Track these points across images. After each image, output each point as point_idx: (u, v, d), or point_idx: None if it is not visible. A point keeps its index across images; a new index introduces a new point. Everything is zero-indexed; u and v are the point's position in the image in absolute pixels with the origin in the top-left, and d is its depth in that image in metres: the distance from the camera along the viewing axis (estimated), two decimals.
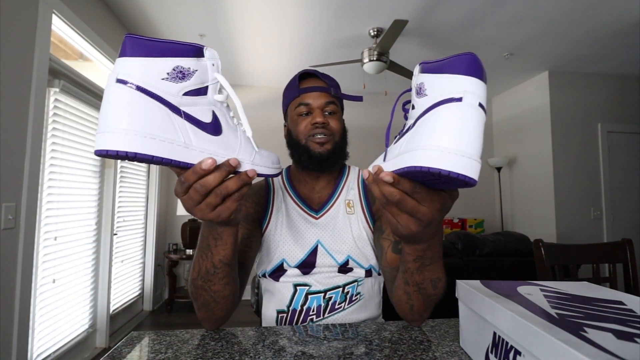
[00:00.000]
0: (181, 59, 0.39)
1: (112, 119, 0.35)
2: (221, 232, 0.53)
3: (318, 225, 0.80)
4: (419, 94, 0.39)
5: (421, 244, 0.50)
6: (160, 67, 0.38)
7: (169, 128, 0.38)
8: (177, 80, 0.39)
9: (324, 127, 0.78)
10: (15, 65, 1.42)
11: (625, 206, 3.31)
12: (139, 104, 0.36)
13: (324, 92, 0.79)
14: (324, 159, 0.78)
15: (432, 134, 0.34)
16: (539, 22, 2.44)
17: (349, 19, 2.42)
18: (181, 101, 0.40)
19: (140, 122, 0.36)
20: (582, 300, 0.46)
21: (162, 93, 0.38)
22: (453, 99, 0.34)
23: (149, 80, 0.37)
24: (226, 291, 0.59)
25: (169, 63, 0.38)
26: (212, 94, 0.42)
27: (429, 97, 0.37)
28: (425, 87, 0.38)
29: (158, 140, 0.37)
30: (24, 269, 1.47)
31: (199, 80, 0.41)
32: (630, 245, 1.25)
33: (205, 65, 0.41)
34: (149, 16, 2.38)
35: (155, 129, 0.37)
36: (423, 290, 0.57)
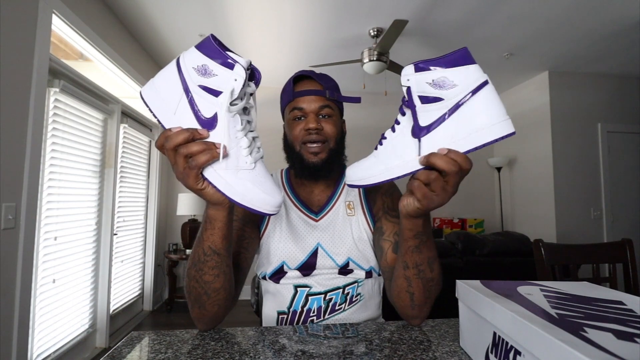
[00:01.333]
0: (212, 62, 0.47)
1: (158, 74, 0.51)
2: (209, 215, 0.55)
3: (318, 227, 0.80)
4: (442, 87, 0.47)
5: (422, 218, 0.56)
6: (197, 60, 0.48)
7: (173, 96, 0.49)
8: (199, 74, 0.48)
9: (318, 132, 0.76)
10: (15, 65, 1.42)
11: (625, 206, 3.31)
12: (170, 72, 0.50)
13: (318, 96, 0.77)
14: (318, 169, 0.77)
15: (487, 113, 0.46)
16: (539, 22, 2.44)
17: (349, 19, 2.42)
18: (194, 89, 0.48)
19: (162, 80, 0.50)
20: (582, 300, 0.46)
21: (187, 75, 0.48)
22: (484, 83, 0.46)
23: (186, 65, 0.49)
24: (216, 284, 0.59)
25: (202, 60, 0.48)
26: (223, 99, 0.48)
27: (460, 87, 0.46)
28: (449, 79, 0.46)
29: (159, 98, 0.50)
30: (24, 269, 1.47)
31: (216, 84, 0.48)
32: (630, 245, 1.25)
33: (229, 76, 0.47)
34: (149, 16, 2.38)
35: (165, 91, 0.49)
36: (422, 272, 0.60)
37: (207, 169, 0.49)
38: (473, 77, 0.46)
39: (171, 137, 0.47)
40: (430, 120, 0.48)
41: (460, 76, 0.46)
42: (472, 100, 0.46)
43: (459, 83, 0.46)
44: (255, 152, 0.51)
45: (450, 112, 0.47)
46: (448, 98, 0.47)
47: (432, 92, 0.47)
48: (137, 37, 2.68)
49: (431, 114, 0.48)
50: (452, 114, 0.47)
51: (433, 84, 0.47)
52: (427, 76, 0.47)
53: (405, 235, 0.59)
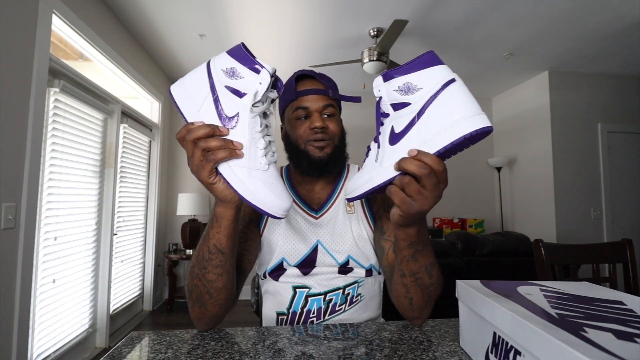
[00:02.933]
0: (239, 65, 0.50)
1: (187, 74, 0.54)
2: (217, 213, 0.56)
3: (318, 225, 0.80)
4: (408, 92, 0.47)
5: (413, 227, 0.55)
6: (226, 63, 0.51)
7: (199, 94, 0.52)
8: (227, 75, 0.51)
9: (323, 131, 0.76)
10: (15, 65, 1.42)
11: (625, 206, 3.31)
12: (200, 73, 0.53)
13: (322, 95, 0.78)
14: (324, 163, 0.77)
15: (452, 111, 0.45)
16: (539, 22, 2.44)
17: (349, 19, 2.42)
18: (221, 89, 0.51)
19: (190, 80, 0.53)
20: (582, 300, 0.46)
21: (215, 76, 0.51)
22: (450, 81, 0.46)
23: (215, 66, 0.52)
24: (219, 283, 0.59)
25: (231, 63, 0.51)
26: (247, 100, 0.50)
27: (425, 89, 0.46)
28: (414, 84, 0.47)
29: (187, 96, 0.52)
30: (24, 269, 1.47)
31: (242, 86, 0.50)
32: (630, 245, 1.25)
33: (254, 80, 0.50)
34: (149, 16, 2.38)
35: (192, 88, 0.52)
36: (419, 280, 0.60)
37: (222, 165, 0.51)
38: (439, 77, 0.46)
39: (193, 130, 0.49)
40: (402, 126, 0.49)
41: (425, 79, 0.46)
42: (437, 100, 0.45)
43: (424, 85, 0.46)
44: (270, 155, 0.53)
45: (418, 115, 0.47)
46: (414, 102, 0.47)
47: (400, 98, 0.48)
48: (137, 37, 2.68)
49: (403, 119, 0.48)
50: (420, 117, 0.47)
51: (399, 90, 0.48)
52: (394, 83, 0.48)
53: (399, 245, 0.58)
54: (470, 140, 0.45)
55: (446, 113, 0.45)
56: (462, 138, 0.43)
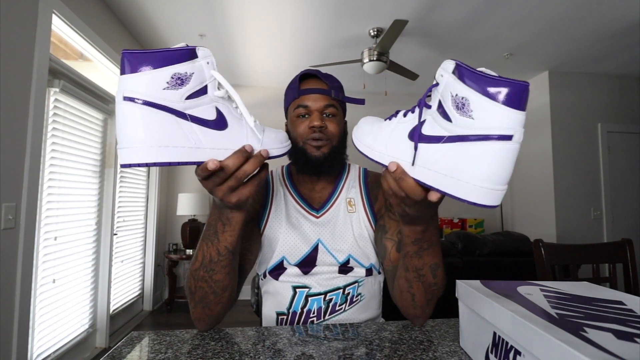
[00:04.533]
0: (177, 66, 0.41)
1: (128, 135, 0.40)
2: (230, 218, 0.55)
3: (319, 224, 0.80)
4: (460, 109, 0.39)
5: (420, 225, 0.54)
6: (159, 78, 0.40)
7: (179, 135, 0.42)
8: (177, 87, 0.41)
9: (322, 130, 0.77)
10: (15, 65, 1.42)
11: (625, 206, 3.31)
12: (148, 117, 0.40)
13: (323, 95, 0.78)
14: (320, 163, 0.77)
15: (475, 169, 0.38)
16: (539, 22, 2.44)
17: (349, 19, 2.42)
18: (184, 105, 0.42)
19: (153, 133, 0.40)
20: (582, 300, 0.46)
21: (166, 102, 0.41)
22: (504, 136, 0.36)
23: (152, 93, 0.40)
24: (226, 281, 0.60)
25: (167, 72, 0.40)
26: (212, 91, 0.45)
27: (475, 122, 0.37)
28: (470, 107, 0.38)
29: (171, 147, 0.41)
30: (24, 269, 1.47)
31: (198, 82, 0.43)
32: (630, 245, 1.25)
33: (201, 65, 0.43)
34: (149, 16, 2.38)
35: (167, 138, 0.41)
36: (423, 277, 0.60)
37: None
38: (498, 122, 0.36)
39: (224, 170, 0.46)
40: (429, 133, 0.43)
41: (486, 112, 0.37)
42: (477, 145, 0.37)
43: (477, 118, 0.37)
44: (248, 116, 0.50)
45: (449, 139, 0.40)
46: (457, 124, 0.39)
47: (448, 107, 0.40)
48: (137, 37, 2.68)
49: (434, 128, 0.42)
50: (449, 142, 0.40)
51: (453, 99, 0.39)
52: (457, 87, 0.39)
53: (404, 240, 0.58)
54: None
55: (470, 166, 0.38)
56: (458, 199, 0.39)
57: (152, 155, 0.40)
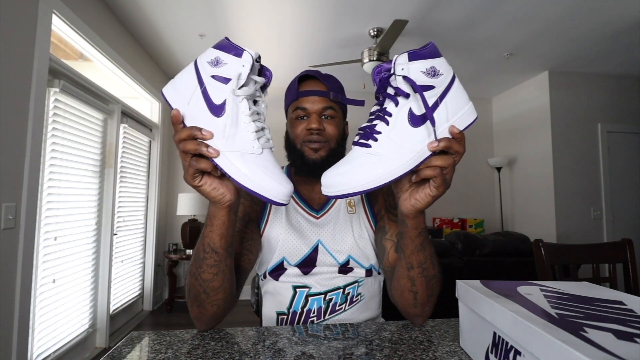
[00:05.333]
0: (223, 53, 0.51)
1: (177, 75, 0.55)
2: (211, 213, 0.56)
3: (319, 225, 0.80)
4: (434, 75, 0.50)
5: (423, 214, 0.58)
6: (211, 55, 0.52)
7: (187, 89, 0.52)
8: (212, 65, 0.51)
9: (319, 133, 0.76)
10: (15, 65, 1.42)
11: (625, 206, 3.31)
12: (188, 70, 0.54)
13: (321, 97, 0.77)
14: (317, 165, 0.77)
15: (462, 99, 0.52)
16: (539, 22, 2.44)
17: (349, 19, 2.42)
18: (207, 80, 0.51)
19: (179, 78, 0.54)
20: (582, 300, 0.46)
21: (202, 69, 0.52)
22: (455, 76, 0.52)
23: (202, 61, 0.53)
24: (215, 282, 0.59)
25: (216, 53, 0.52)
26: (231, 85, 0.50)
27: (445, 76, 0.50)
28: (437, 69, 0.50)
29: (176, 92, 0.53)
30: (24, 269, 1.47)
31: (227, 72, 0.51)
32: (630, 245, 1.25)
33: (237, 63, 0.51)
34: (149, 16, 2.38)
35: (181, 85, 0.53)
36: (426, 270, 0.61)
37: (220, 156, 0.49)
38: (448, 68, 0.51)
39: (177, 132, 0.50)
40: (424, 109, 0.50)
41: (443, 66, 0.51)
42: (453, 87, 0.51)
43: (444, 72, 0.50)
44: (264, 140, 0.52)
45: (440, 98, 0.50)
46: (438, 86, 0.50)
47: (427, 81, 0.50)
48: (137, 37, 2.68)
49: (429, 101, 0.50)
50: (442, 100, 0.50)
51: (427, 73, 0.49)
52: (421, 65, 0.49)
53: (411, 235, 0.58)
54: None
55: (461, 100, 0.51)
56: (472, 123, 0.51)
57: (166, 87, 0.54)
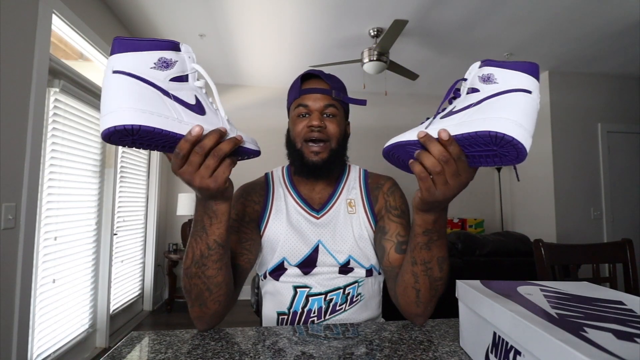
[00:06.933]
0: (163, 52, 0.45)
1: (114, 102, 0.40)
2: (216, 210, 0.56)
3: (319, 225, 0.80)
4: (486, 81, 0.46)
5: (433, 214, 0.56)
6: (147, 59, 0.44)
7: (163, 106, 0.44)
8: (162, 69, 0.45)
9: (320, 130, 0.76)
10: (15, 65, 1.42)
11: (625, 206, 3.31)
12: (135, 88, 0.42)
13: (324, 95, 0.78)
14: (318, 168, 0.77)
15: (503, 109, 0.42)
16: (539, 22, 2.44)
17: (349, 19, 2.42)
18: (169, 86, 0.45)
19: (139, 101, 0.41)
20: (582, 300, 0.46)
21: (152, 79, 0.44)
22: (525, 90, 0.43)
23: (140, 69, 0.43)
24: (219, 277, 0.60)
25: (155, 55, 0.44)
26: (192, 80, 0.49)
27: (499, 85, 0.45)
28: (495, 77, 0.45)
29: (156, 115, 0.42)
30: (24, 269, 1.47)
31: (180, 69, 0.47)
32: (630, 245, 1.25)
33: (183, 57, 0.47)
34: (149, 16, 2.38)
35: (152, 106, 0.42)
36: (430, 270, 0.60)
37: None
38: (519, 82, 0.43)
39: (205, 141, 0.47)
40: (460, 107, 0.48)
41: (508, 77, 0.44)
42: (500, 97, 0.44)
43: (501, 82, 0.44)
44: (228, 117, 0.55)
45: (477, 102, 0.46)
46: (483, 91, 0.46)
47: (476, 84, 0.47)
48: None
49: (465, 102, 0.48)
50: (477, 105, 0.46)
51: (481, 78, 0.47)
52: (483, 70, 0.47)
53: (414, 230, 0.59)
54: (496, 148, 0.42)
55: (497, 108, 0.43)
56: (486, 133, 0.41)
57: (138, 118, 0.40)
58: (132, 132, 0.40)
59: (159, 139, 0.44)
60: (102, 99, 0.41)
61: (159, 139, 0.44)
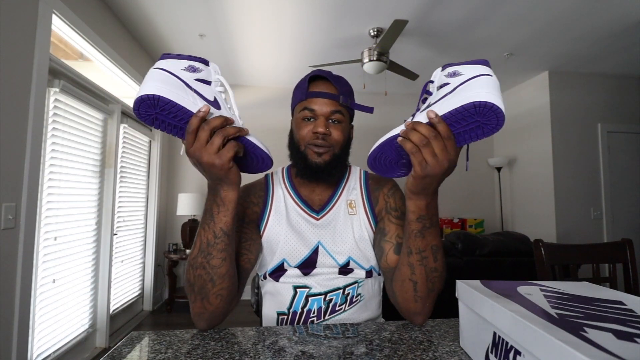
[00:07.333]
0: (194, 62, 0.57)
1: (147, 83, 0.51)
2: (224, 197, 0.60)
3: (319, 226, 0.80)
4: (452, 76, 0.54)
5: (424, 198, 0.59)
6: (180, 64, 0.56)
7: (184, 91, 0.54)
8: (190, 72, 0.56)
9: (325, 138, 0.75)
10: (15, 65, 1.42)
11: (625, 206, 3.31)
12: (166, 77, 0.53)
13: (331, 100, 0.76)
14: (320, 169, 0.77)
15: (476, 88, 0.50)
16: (539, 22, 2.44)
17: (349, 19, 2.42)
18: (193, 83, 0.55)
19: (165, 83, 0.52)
20: (582, 300, 0.46)
21: (181, 76, 0.55)
22: (486, 74, 0.52)
23: (172, 69, 0.54)
24: (223, 268, 0.61)
25: (186, 62, 0.56)
26: (214, 86, 0.58)
27: (465, 75, 0.53)
28: (459, 71, 0.54)
29: (175, 93, 0.52)
30: (24, 269, 1.47)
31: (205, 76, 0.58)
32: (630, 245, 1.25)
33: (210, 70, 0.59)
34: (149, 16, 2.38)
35: (174, 88, 0.53)
36: (425, 259, 0.62)
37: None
38: (480, 70, 0.53)
39: (212, 120, 0.53)
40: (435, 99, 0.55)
41: (469, 70, 0.53)
42: (469, 82, 0.52)
43: (465, 73, 0.53)
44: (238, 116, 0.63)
45: (451, 91, 0.53)
46: (453, 83, 0.54)
47: (445, 80, 0.55)
48: (137, 37, 2.68)
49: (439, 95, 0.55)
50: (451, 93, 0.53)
51: (447, 75, 0.55)
52: (447, 69, 0.56)
53: (408, 218, 0.61)
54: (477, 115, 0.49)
55: (469, 88, 0.51)
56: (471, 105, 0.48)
57: (160, 90, 0.50)
58: (154, 103, 0.50)
59: (175, 114, 0.52)
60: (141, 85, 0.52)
61: (174, 114, 0.52)
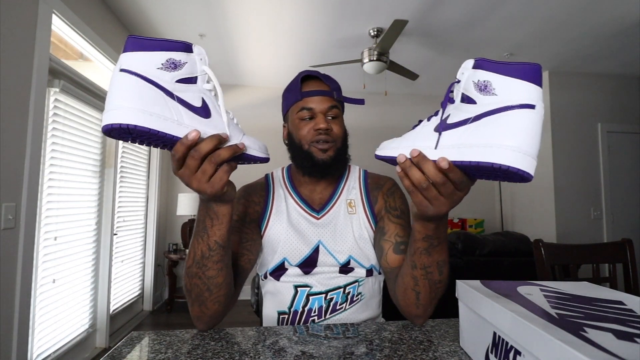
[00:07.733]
0: (173, 53, 0.45)
1: (116, 100, 0.42)
2: (217, 211, 0.57)
3: (319, 225, 0.80)
4: (483, 90, 0.42)
5: (432, 223, 0.55)
6: (156, 59, 0.44)
7: (164, 108, 0.44)
8: (170, 70, 0.45)
9: (327, 133, 0.77)
10: (15, 65, 1.42)
11: (625, 206, 3.31)
12: (139, 88, 0.43)
13: (327, 96, 0.78)
14: (327, 165, 0.78)
15: (505, 135, 0.39)
16: (539, 22, 2.44)
17: (349, 19, 2.42)
18: (174, 87, 0.46)
19: (140, 102, 0.42)
20: (582, 300, 0.46)
21: (158, 80, 0.44)
22: (527, 105, 0.39)
23: (147, 69, 0.44)
24: (219, 278, 0.60)
25: (164, 55, 0.45)
26: (201, 83, 0.49)
27: (498, 97, 0.41)
28: (492, 86, 0.41)
29: (155, 116, 0.43)
30: (24, 269, 1.47)
31: (189, 71, 0.47)
32: (630, 245, 1.25)
33: (194, 59, 0.48)
34: (149, 16, 2.38)
35: (152, 107, 0.43)
36: (430, 274, 0.60)
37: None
38: (521, 94, 0.39)
39: (201, 146, 0.46)
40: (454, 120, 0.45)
41: (507, 87, 0.40)
42: (500, 115, 0.40)
43: (500, 94, 0.40)
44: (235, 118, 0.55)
45: (475, 118, 0.42)
46: (480, 103, 0.42)
47: (471, 93, 0.43)
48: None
49: (460, 114, 0.44)
50: (475, 121, 0.42)
51: (476, 85, 0.43)
52: (478, 75, 0.42)
53: (414, 236, 0.59)
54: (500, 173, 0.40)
55: (499, 133, 0.39)
56: (489, 165, 0.39)
57: (136, 118, 0.41)
58: (129, 131, 0.42)
59: (157, 139, 0.44)
60: (107, 95, 0.43)
61: (156, 138, 0.44)
